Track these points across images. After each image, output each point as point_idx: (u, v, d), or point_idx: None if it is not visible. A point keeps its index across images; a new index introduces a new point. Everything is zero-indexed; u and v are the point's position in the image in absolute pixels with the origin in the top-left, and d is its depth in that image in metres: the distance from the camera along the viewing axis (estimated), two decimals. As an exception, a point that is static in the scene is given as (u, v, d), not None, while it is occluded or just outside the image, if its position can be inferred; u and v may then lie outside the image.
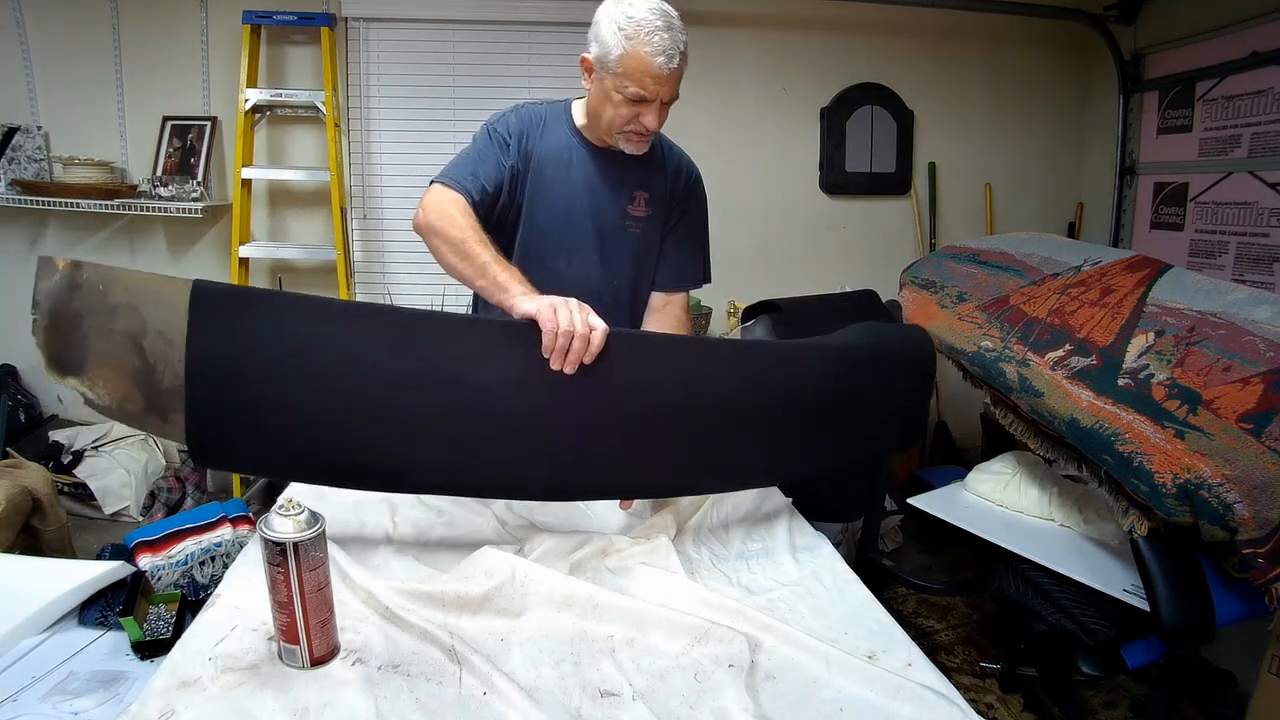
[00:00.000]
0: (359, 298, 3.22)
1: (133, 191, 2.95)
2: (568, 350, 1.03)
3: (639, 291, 1.52)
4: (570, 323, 1.02)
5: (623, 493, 1.28)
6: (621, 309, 1.52)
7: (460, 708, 0.83)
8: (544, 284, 1.37)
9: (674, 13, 1.26)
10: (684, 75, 1.29)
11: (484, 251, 1.19)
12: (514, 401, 1.07)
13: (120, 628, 1.05)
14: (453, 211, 1.24)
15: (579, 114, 1.42)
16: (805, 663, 0.92)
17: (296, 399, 1.00)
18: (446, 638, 0.92)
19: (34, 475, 2.40)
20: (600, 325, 1.05)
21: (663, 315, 1.51)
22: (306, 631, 0.87)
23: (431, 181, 1.33)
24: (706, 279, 1.57)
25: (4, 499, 2.14)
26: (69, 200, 2.82)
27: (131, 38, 2.98)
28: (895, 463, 2.32)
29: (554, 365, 1.04)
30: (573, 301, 1.06)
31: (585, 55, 1.31)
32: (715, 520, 1.32)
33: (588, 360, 1.04)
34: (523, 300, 1.09)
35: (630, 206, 1.43)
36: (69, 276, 0.98)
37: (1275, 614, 1.40)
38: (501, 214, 1.39)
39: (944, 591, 2.38)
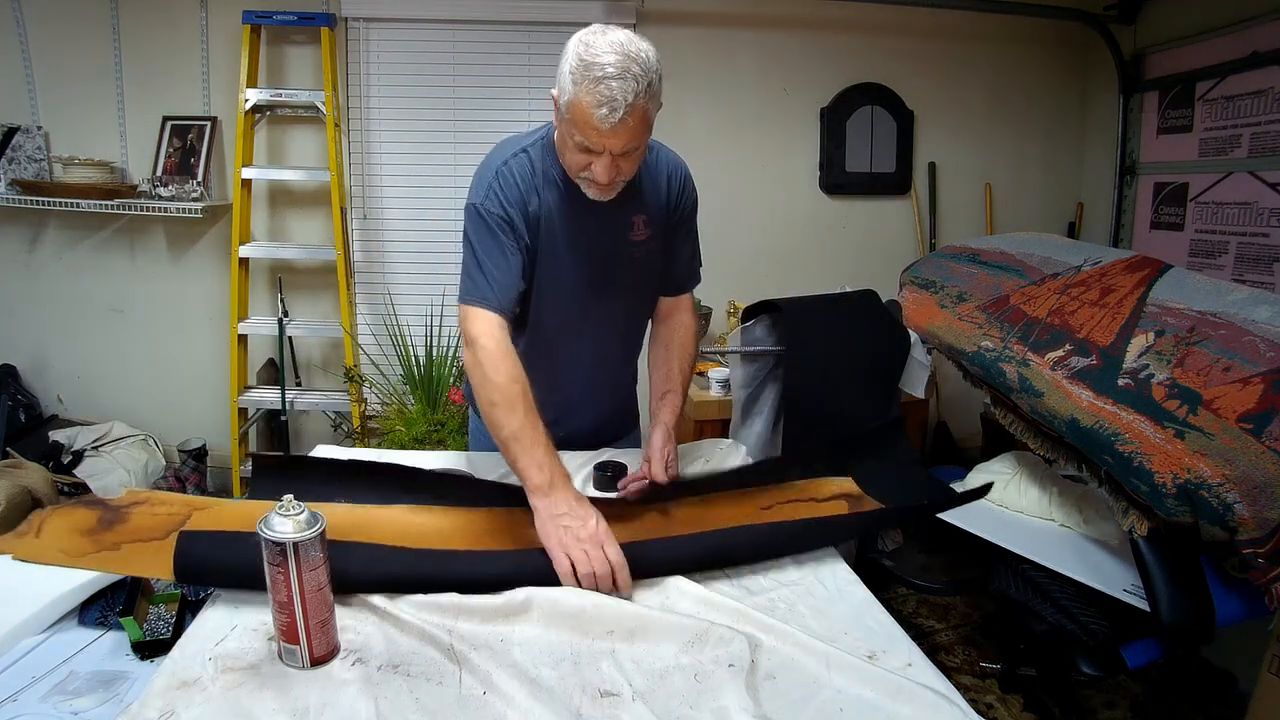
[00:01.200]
0: (359, 298, 3.22)
1: (133, 191, 2.95)
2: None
3: (650, 310, 1.53)
4: (591, 578, 1.02)
5: None
6: (637, 332, 1.54)
7: (460, 707, 0.83)
8: (565, 330, 1.41)
9: (639, 54, 1.12)
10: (645, 129, 1.17)
11: (510, 419, 1.15)
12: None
13: (120, 628, 1.05)
14: (488, 360, 1.19)
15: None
16: (805, 663, 0.92)
17: None
18: (446, 638, 0.92)
19: (34, 475, 2.40)
20: (622, 567, 1.03)
21: (672, 324, 1.49)
22: (306, 631, 0.87)
23: (459, 298, 1.27)
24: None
25: (4, 499, 2.14)
26: (69, 200, 2.82)
27: (131, 38, 2.98)
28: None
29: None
30: (586, 539, 1.04)
31: (554, 91, 1.21)
32: (715, 520, 1.32)
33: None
34: (539, 509, 1.09)
35: (631, 234, 1.38)
36: None
37: (1275, 614, 1.40)
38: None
39: (944, 591, 2.38)
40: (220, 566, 1.01)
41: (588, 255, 1.36)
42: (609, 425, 1.61)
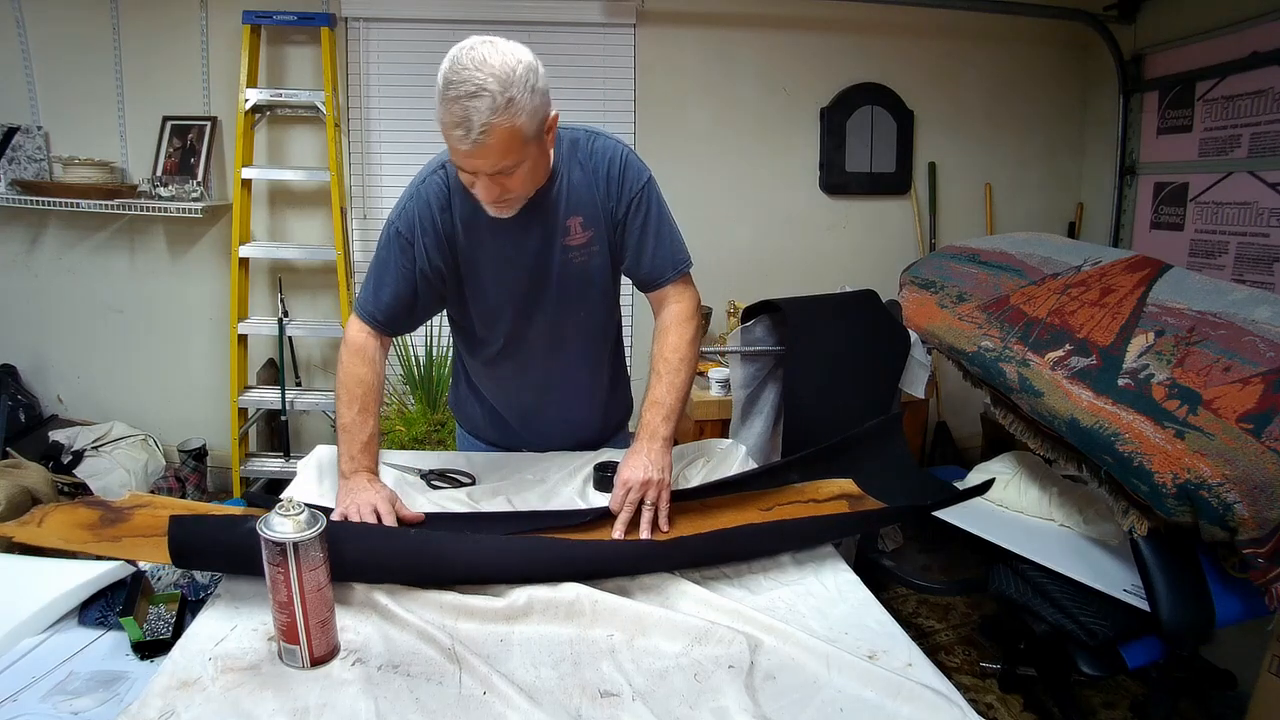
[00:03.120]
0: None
1: (133, 191, 2.95)
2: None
3: (609, 313, 1.47)
4: (357, 516, 1.13)
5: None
6: (600, 338, 1.49)
7: (460, 708, 0.83)
8: (513, 341, 1.40)
9: (501, 68, 1.05)
10: (514, 146, 1.08)
11: (346, 414, 1.28)
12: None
13: (120, 628, 1.05)
14: (345, 360, 1.33)
15: None
16: (805, 663, 0.92)
17: None
18: (446, 639, 0.92)
19: (34, 475, 2.40)
20: (388, 514, 1.14)
21: (665, 318, 1.39)
22: (306, 631, 0.87)
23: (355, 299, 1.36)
24: (688, 259, 1.40)
25: (4, 499, 2.14)
26: (69, 200, 2.82)
27: (131, 38, 2.98)
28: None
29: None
30: (364, 502, 1.14)
31: None
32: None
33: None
34: (339, 485, 1.21)
35: (566, 239, 1.31)
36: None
37: (1275, 614, 1.40)
38: (446, 298, 1.36)
39: (944, 591, 2.39)
40: (213, 549, 1.02)
41: (517, 267, 1.32)
42: (592, 431, 1.58)
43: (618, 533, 1.16)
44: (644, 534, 1.16)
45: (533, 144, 1.12)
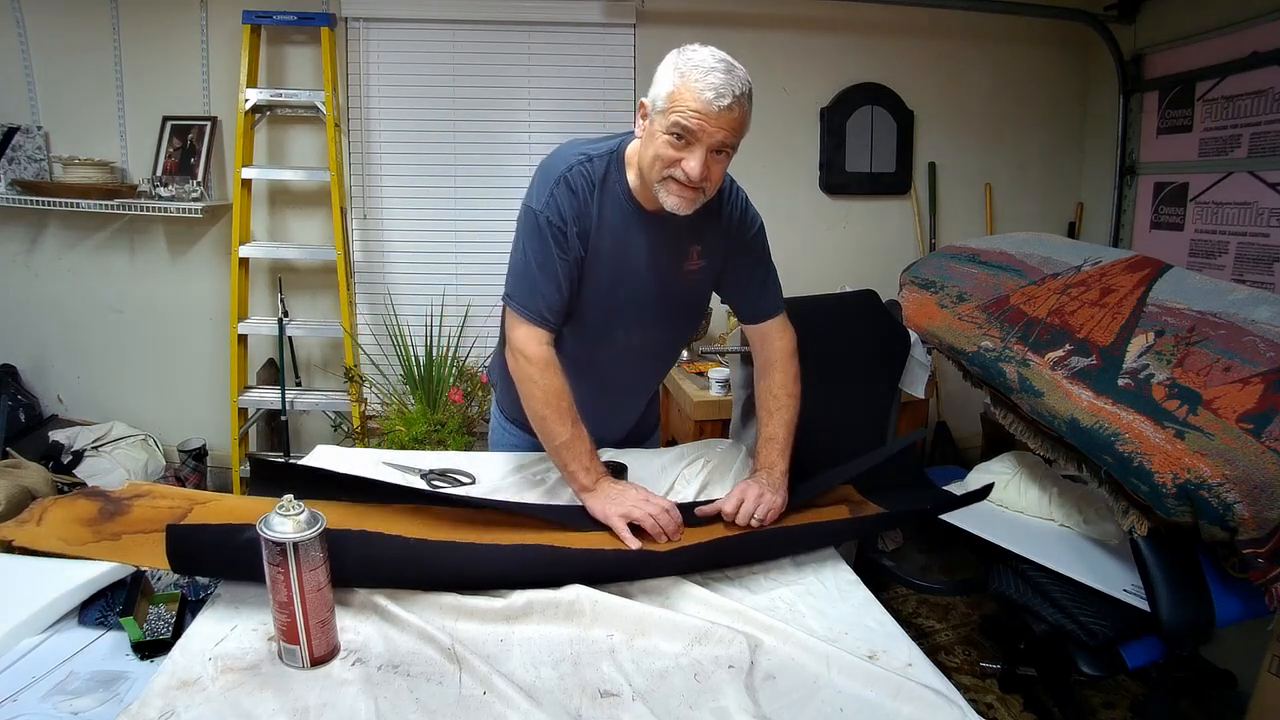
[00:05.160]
0: (359, 298, 3.22)
1: (133, 191, 2.95)
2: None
3: (686, 330, 1.54)
4: (655, 525, 1.15)
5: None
6: (674, 352, 1.56)
7: (460, 708, 0.83)
8: (603, 344, 1.41)
9: (741, 67, 1.19)
10: (744, 130, 1.21)
11: (562, 430, 1.25)
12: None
13: (120, 628, 1.05)
14: (536, 376, 1.27)
15: (633, 172, 1.30)
16: (805, 663, 0.92)
17: None
18: (446, 639, 0.92)
19: (34, 475, 2.40)
20: (674, 508, 1.19)
21: (771, 354, 1.46)
22: (306, 631, 0.87)
23: (505, 297, 1.31)
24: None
25: (4, 499, 2.14)
26: (69, 200, 2.82)
27: (131, 38, 2.98)
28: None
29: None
30: (638, 499, 1.18)
31: (643, 99, 1.24)
32: (715, 520, 1.32)
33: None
34: (591, 504, 1.21)
35: (686, 263, 1.37)
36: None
37: (1275, 614, 1.40)
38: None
39: (944, 591, 2.39)
40: (211, 558, 1.01)
41: (636, 279, 1.35)
42: (632, 434, 1.64)
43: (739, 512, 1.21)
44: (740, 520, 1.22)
45: (738, 144, 1.22)
